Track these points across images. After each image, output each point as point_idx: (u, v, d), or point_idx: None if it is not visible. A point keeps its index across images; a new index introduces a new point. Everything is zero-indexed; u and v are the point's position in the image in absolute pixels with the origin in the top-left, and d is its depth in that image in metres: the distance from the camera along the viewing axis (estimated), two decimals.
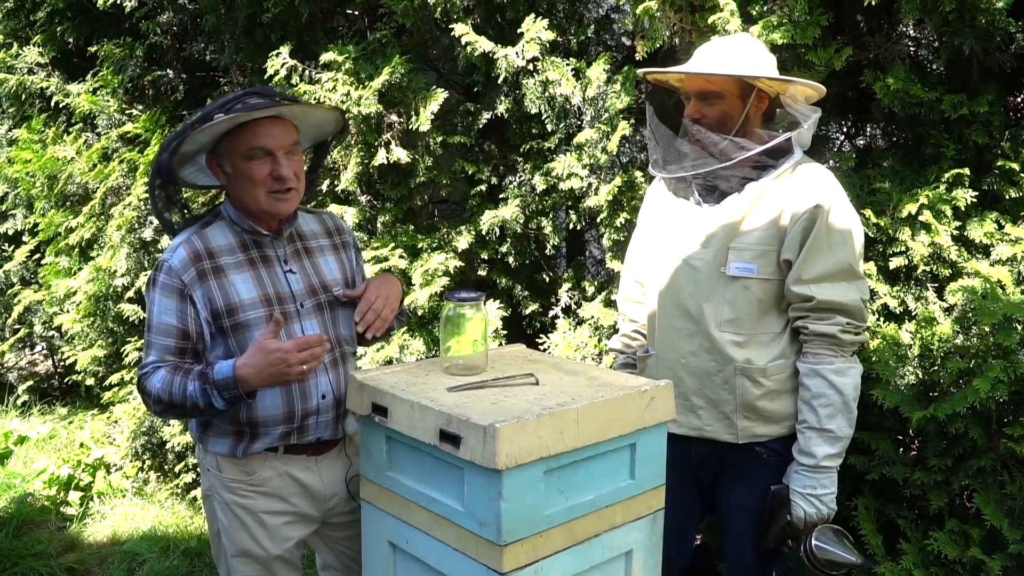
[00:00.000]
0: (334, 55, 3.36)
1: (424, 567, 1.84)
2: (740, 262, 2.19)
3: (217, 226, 2.09)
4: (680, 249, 2.30)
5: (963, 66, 2.71)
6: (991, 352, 2.44)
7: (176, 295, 2.00)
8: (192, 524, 4.20)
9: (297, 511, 2.17)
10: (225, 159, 2.03)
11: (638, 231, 2.57)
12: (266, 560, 2.16)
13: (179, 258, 2.01)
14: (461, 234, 3.46)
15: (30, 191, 4.83)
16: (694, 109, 2.24)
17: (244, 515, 2.13)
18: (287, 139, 2.02)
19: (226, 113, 1.94)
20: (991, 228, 2.62)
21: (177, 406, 1.94)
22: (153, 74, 4.44)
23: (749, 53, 2.22)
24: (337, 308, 2.18)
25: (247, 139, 1.97)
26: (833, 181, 2.20)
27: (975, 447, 2.50)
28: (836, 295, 2.13)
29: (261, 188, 2.00)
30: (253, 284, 2.05)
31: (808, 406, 2.18)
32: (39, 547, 4.00)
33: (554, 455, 1.67)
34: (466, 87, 3.67)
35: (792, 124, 2.23)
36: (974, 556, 2.44)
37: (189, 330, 2.01)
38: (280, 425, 2.07)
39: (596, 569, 1.83)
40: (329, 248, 2.23)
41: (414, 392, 1.83)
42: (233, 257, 2.06)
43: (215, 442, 2.11)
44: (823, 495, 2.19)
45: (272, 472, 2.12)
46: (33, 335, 5.95)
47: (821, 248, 2.12)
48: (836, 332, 2.14)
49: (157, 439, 4.45)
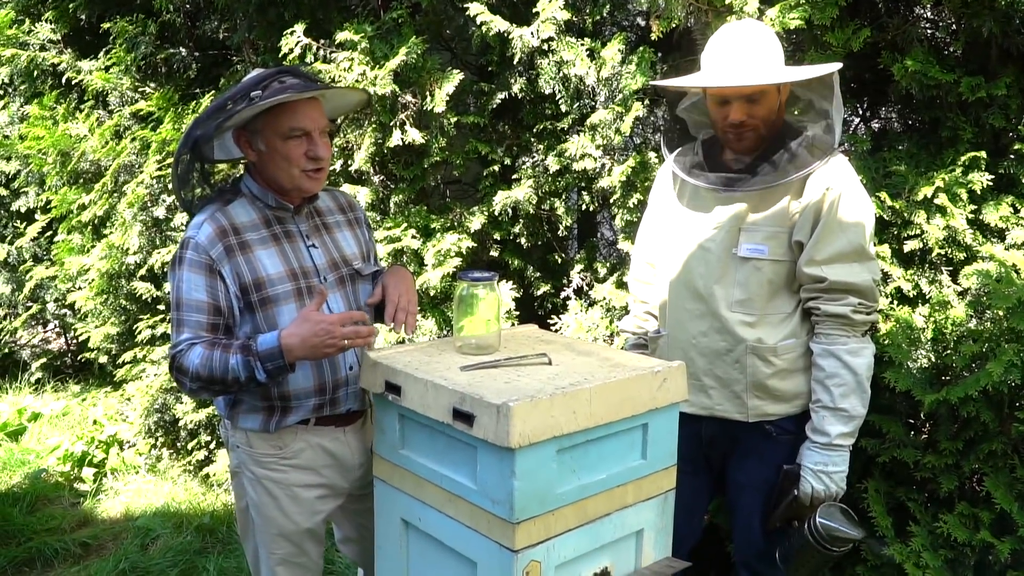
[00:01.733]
0: (350, 34, 3.35)
1: (437, 544, 1.85)
2: (751, 243, 2.19)
3: (239, 203, 2.11)
4: (692, 230, 2.30)
5: (981, 48, 2.68)
6: (1005, 336, 2.44)
7: (205, 271, 2.01)
8: (205, 501, 4.23)
9: (327, 483, 2.20)
10: (259, 137, 2.04)
11: (649, 212, 2.57)
12: (298, 535, 2.19)
13: (205, 234, 2.02)
14: (474, 215, 3.46)
15: (42, 168, 4.84)
16: (741, 112, 2.16)
17: (276, 489, 2.16)
18: (322, 121, 2.06)
19: (263, 91, 1.97)
20: (1007, 212, 2.61)
21: (217, 381, 1.95)
22: (166, 52, 4.43)
23: (774, 43, 2.19)
24: (358, 282, 2.23)
25: (287, 119, 2.00)
26: (845, 164, 2.20)
27: (986, 431, 2.50)
28: (848, 276, 2.13)
29: (296, 167, 2.04)
30: (279, 259, 2.08)
31: (822, 386, 2.19)
32: (53, 523, 4.04)
33: (567, 434, 1.68)
34: (479, 67, 3.66)
35: (818, 111, 2.25)
36: (983, 539, 2.44)
37: (220, 305, 2.02)
38: (312, 397, 2.10)
39: (607, 548, 1.84)
40: (345, 224, 2.28)
41: (427, 371, 1.84)
42: (257, 233, 2.08)
43: (245, 418, 2.13)
44: (834, 472, 2.19)
45: (304, 444, 2.15)
46: (46, 312, 5.99)
47: (833, 230, 2.12)
48: (848, 312, 2.14)
49: (170, 416, 4.48)
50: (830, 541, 2.18)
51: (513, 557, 1.63)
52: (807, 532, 2.20)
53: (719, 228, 2.24)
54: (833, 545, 2.19)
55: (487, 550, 1.69)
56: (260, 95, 1.96)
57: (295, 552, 2.21)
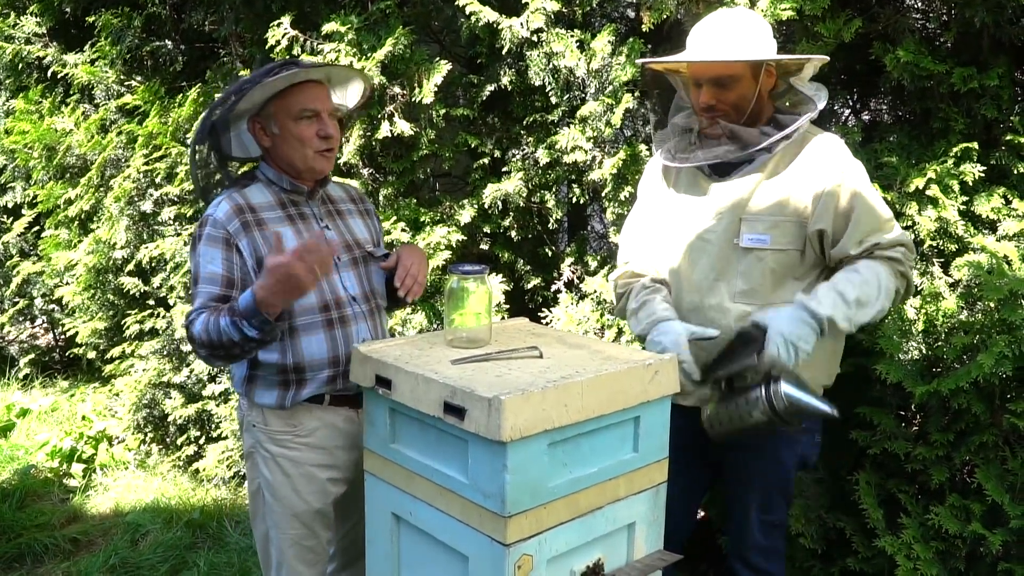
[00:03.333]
0: (336, 25, 3.32)
1: (428, 539, 1.84)
2: (753, 233, 2.17)
3: (255, 187, 2.20)
4: (691, 223, 2.28)
5: (973, 39, 2.68)
6: (996, 327, 2.44)
7: (222, 244, 2.09)
8: (195, 496, 4.21)
9: (338, 464, 2.24)
10: (272, 121, 2.15)
11: (637, 211, 2.51)
12: (309, 516, 2.23)
13: (223, 211, 2.11)
14: (464, 207, 3.44)
15: (28, 162, 4.80)
16: (709, 96, 2.18)
17: (290, 467, 2.20)
18: (330, 102, 2.20)
19: (271, 78, 2.07)
20: (998, 203, 2.61)
21: (217, 345, 1.98)
22: (152, 45, 4.39)
23: (756, 30, 2.18)
24: (371, 263, 2.31)
25: (297, 101, 2.12)
26: (843, 146, 2.20)
27: (977, 422, 2.50)
28: (897, 235, 2.14)
29: (309, 146, 2.14)
30: (295, 237, 2.15)
31: (846, 277, 2.09)
32: (42, 519, 4.02)
33: (558, 427, 1.67)
34: (468, 59, 3.64)
35: (800, 101, 2.21)
36: (975, 531, 2.44)
37: (234, 277, 2.09)
38: (325, 369, 2.15)
39: (599, 541, 1.83)
40: (356, 212, 2.38)
41: (418, 364, 1.82)
42: (274, 213, 2.18)
43: (261, 394, 2.18)
44: (802, 349, 2.03)
45: (319, 423, 2.20)
46: (33, 308, 5.95)
47: (864, 216, 2.12)
48: (900, 256, 2.13)
49: (159, 412, 4.46)
50: (788, 415, 2.01)
51: (505, 551, 1.63)
52: (763, 401, 2.01)
53: (719, 219, 2.22)
54: (790, 420, 2.02)
55: (479, 544, 1.68)
56: (272, 79, 2.06)
57: (306, 534, 2.25)
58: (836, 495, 2.84)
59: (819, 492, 2.85)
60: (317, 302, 2.14)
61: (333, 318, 2.16)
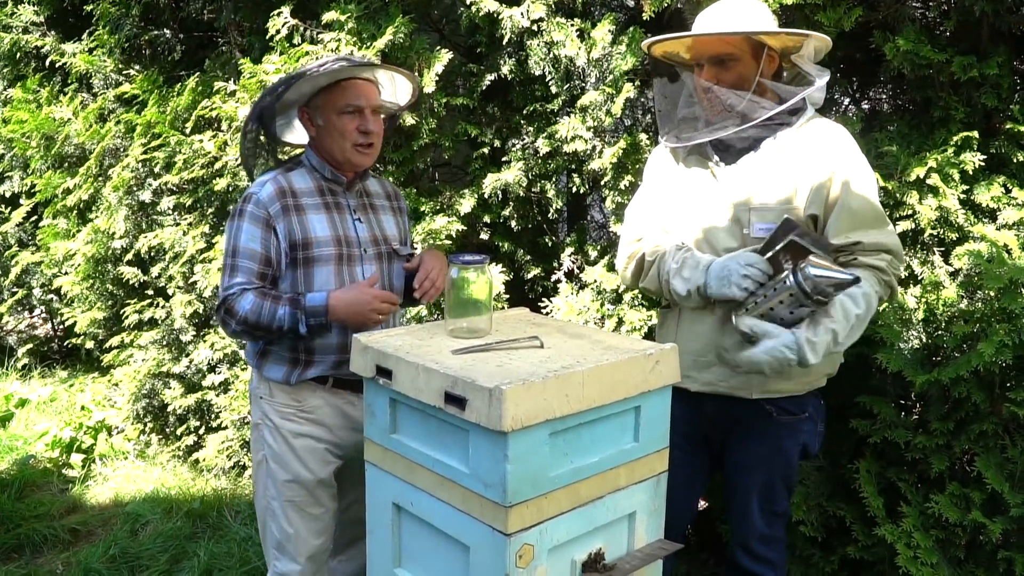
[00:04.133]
0: (336, 14, 3.31)
1: (429, 528, 1.84)
2: (762, 223, 2.17)
3: (298, 172, 2.34)
4: (699, 210, 2.27)
5: (973, 28, 2.67)
6: (996, 316, 2.44)
7: (262, 224, 2.24)
8: (194, 486, 4.22)
9: (338, 441, 2.37)
10: (318, 112, 2.28)
11: (645, 194, 2.47)
12: (311, 484, 2.35)
13: (267, 192, 2.26)
14: (464, 197, 3.44)
15: (26, 152, 4.79)
16: (709, 75, 2.21)
17: (294, 439, 2.33)
18: (375, 100, 2.30)
19: (320, 70, 2.20)
20: (998, 192, 2.61)
21: (262, 327, 2.18)
22: (150, 34, 4.37)
23: (756, 11, 2.20)
24: (394, 260, 2.43)
25: (342, 96, 2.25)
26: (846, 134, 2.19)
27: (977, 411, 2.51)
28: (880, 238, 2.12)
29: (348, 140, 2.27)
30: (327, 224, 2.30)
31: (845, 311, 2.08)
32: (41, 509, 4.02)
33: (559, 417, 1.66)
34: (468, 48, 3.62)
35: (802, 79, 2.21)
36: (975, 519, 2.45)
37: (272, 257, 2.25)
38: (334, 354, 2.30)
39: (600, 531, 1.83)
40: (389, 209, 2.49)
41: (419, 355, 1.82)
42: (312, 199, 2.31)
43: (271, 368, 2.33)
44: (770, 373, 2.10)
45: (321, 402, 2.34)
46: (32, 297, 5.94)
47: (851, 202, 2.11)
48: (884, 265, 2.12)
49: (158, 402, 4.46)
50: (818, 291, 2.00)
51: (506, 540, 1.62)
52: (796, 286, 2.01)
53: (728, 207, 2.22)
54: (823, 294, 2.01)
55: (480, 534, 1.68)
56: (316, 72, 2.19)
57: (310, 500, 2.36)
58: (836, 484, 2.84)
59: (820, 480, 2.85)
60: (336, 287, 2.27)
61: None
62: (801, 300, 2.03)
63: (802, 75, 2.22)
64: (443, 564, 1.82)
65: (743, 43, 2.17)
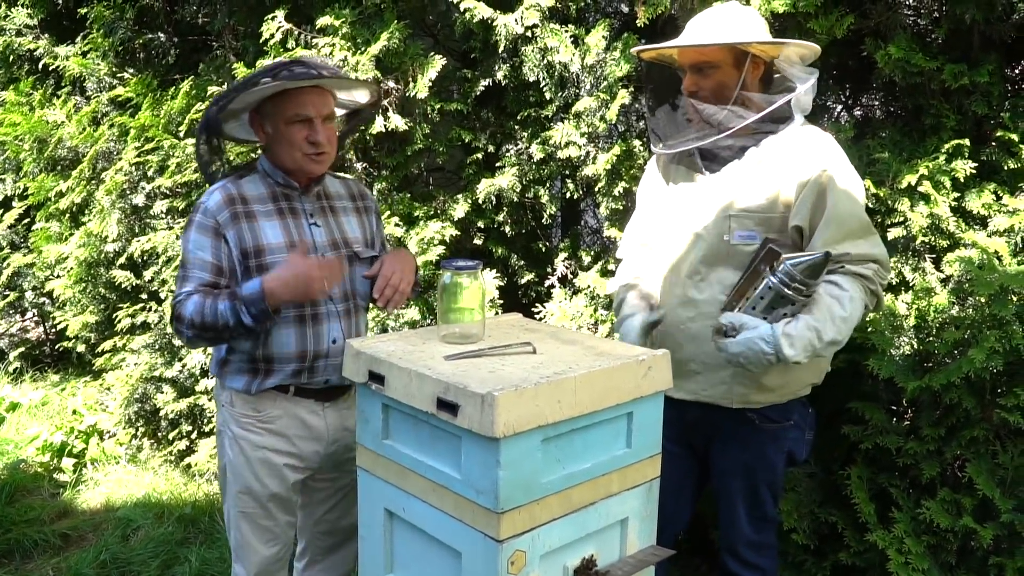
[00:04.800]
0: (330, 19, 3.31)
1: (421, 534, 1.84)
2: (743, 230, 2.17)
3: (251, 178, 2.27)
4: (683, 218, 2.29)
5: (964, 36, 2.68)
6: (987, 323, 2.45)
7: (211, 233, 2.18)
8: (186, 491, 4.20)
9: (299, 453, 2.31)
10: (267, 120, 2.21)
11: (642, 203, 2.52)
12: (263, 497, 2.30)
13: (215, 200, 2.19)
14: (458, 203, 3.44)
15: (19, 154, 4.78)
16: (690, 82, 2.23)
17: (250, 450, 2.28)
18: (325, 108, 2.21)
19: (273, 79, 2.13)
20: (989, 199, 2.62)
21: (208, 327, 2.10)
22: (144, 37, 4.37)
23: (739, 20, 2.20)
24: (355, 263, 2.33)
25: (290, 105, 2.16)
26: (833, 143, 2.18)
27: (968, 417, 2.52)
28: (868, 248, 2.12)
29: (298, 150, 2.19)
30: (281, 231, 2.23)
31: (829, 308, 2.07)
32: (32, 513, 4.00)
33: (552, 423, 1.66)
34: (462, 54, 3.63)
35: (790, 89, 2.20)
36: (966, 525, 2.46)
37: (223, 266, 2.18)
38: (293, 363, 2.23)
39: (592, 537, 1.83)
40: (352, 210, 2.40)
41: (411, 360, 1.82)
42: (264, 206, 2.24)
43: (232, 377, 2.27)
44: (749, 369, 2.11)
45: (281, 412, 2.28)
46: (24, 301, 5.92)
47: (839, 213, 2.10)
48: (870, 274, 2.11)
49: (151, 406, 4.44)
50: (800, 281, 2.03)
51: (498, 547, 1.62)
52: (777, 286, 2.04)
53: (710, 214, 2.23)
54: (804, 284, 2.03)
55: (472, 540, 1.68)
56: (268, 81, 2.11)
57: (261, 513, 2.32)
58: (828, 490, 2.85)
59: (811, 487, 2.86)
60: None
61: (306, 315, 2.22)
62: (782, 293, 2.04)
63: (790, 82, 2.22)
64: (435, 570, 1.82)
65: (724, 51, 2.17)
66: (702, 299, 2.24)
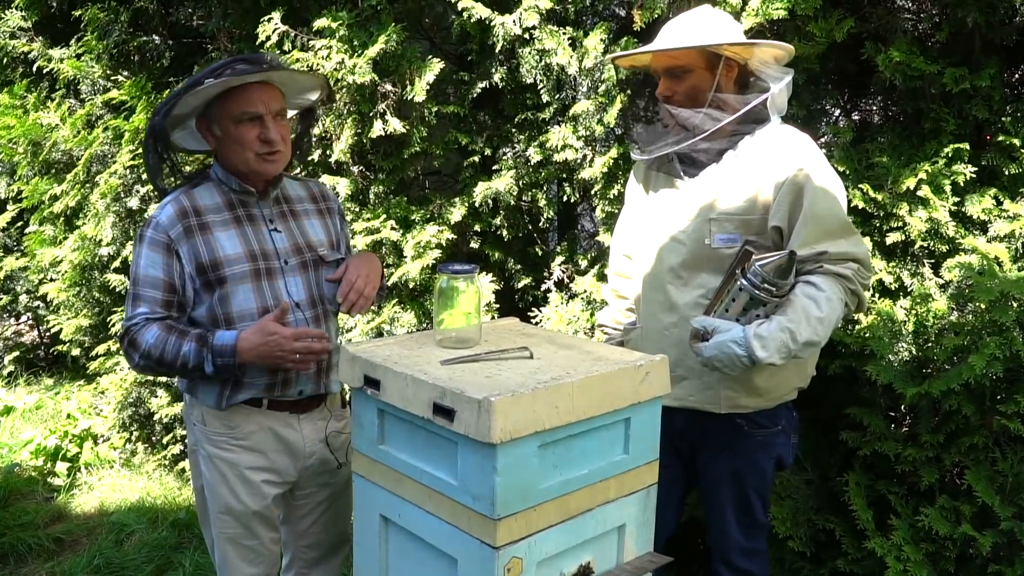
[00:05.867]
0: (327, 21, 3.29)
1: (416, 541, 1.82)
2: (723, 233, 2.17)
3: (205, 187, 2.18)
4: (664, 224, 2.29)
5: (965, 40, 2.67)
6: (986, 329, 2.44)
7: (163, 249, 2.09)
8: (180, 495, 4.18)
9: (276, 468, 2.24)
10: (215, 123, 2.12)
11: (625, 209, 2.55)
12: (245, 516, 2.23)
13: (166, 214, 2.10)
14: (454, 206, 3.42)
15: (13, 158, 4.75)
16: (664, 87, 2.24)
17: (226, 469, 2.21)
18: (274, 104, 2.12)
19: (216, 79, 2.04)
20: (989, 204, 2.61)
21: (166, 364, 2.04)
22: (139, 40, 4.34)
23: (711, 23, 2.20)
24: (321, 267, 2.26)
25: (237, 104, 2.07)
26: (810, 143, 2.16)
27: (968, 424, 2.50)
28: (847, 247, 2.10)
29: (250, 150, 2.10)
30: (239, 240, 2.14)
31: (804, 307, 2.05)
32: (26, 518, 3.98)
33: (549, 429, 1.65)
34: (459, 56, 3.61)
35: (765, 90, 2.19)
36: (965, 532, 2.44)
37: (175, 283, 2.10)
38: (263, 376, 2.15)
39: (589, 543, 1.81)
40: (314, 212, 2.32)
41: (407, 365, 1.80)
42: (219, 215, 2.15)
43: (201, 392, 2.19)
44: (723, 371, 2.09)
45: (255, 426, 2.20)
46: (18, 304, 5.89)
47: (816, 212, 2.08)
48: (850, 274, 2.10)
49: (144, 410, 4.42)
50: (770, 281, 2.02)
51: (494, 554, 1.61)
52: (746, 287, 2.03)
53: (690, 219, 2.23)
54: (773, 285, 2.02)
55: (468, 547, 1.66)
56: (212, 81, 2.03)
57: (244, 533, 2.25)
58: (825, 496, 2.83)
59: (808, 494, 2.84)
60: (257, 308, 2.14)
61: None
62: (753, 295, 2.03)
63: (764, 83, 2.22)
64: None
65: (696, 54, 2.17)
66: (684, 303, 2.24)
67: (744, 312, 2.06)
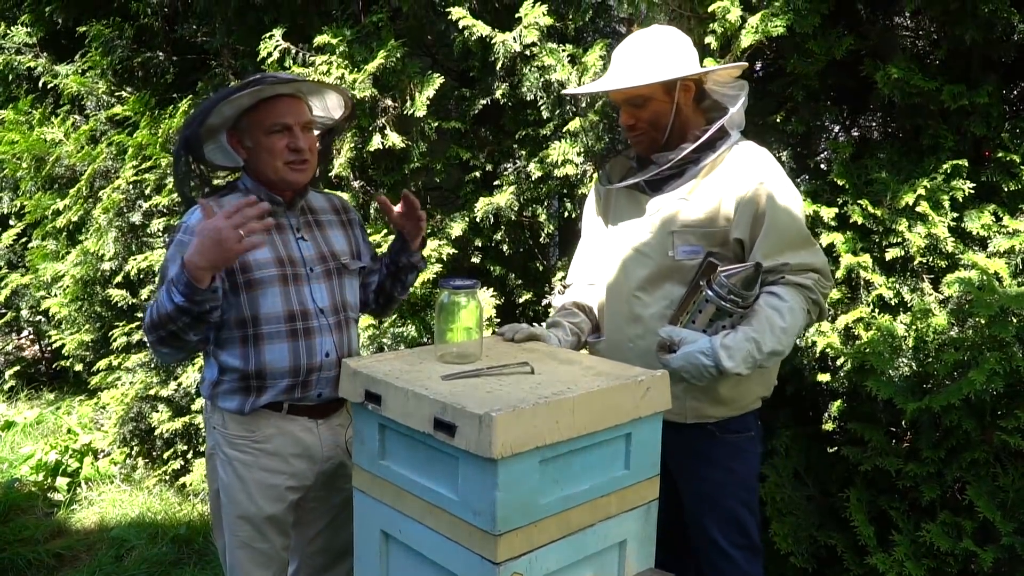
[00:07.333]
0: (328, 38, 3.32)
1: (417, 556, 1.82)
2: (686, 246, 2.20)
3: (234, 196, 2.21)
4: (627, 237, 2.31)
5: (963, 57, 2.69)
6: (986, 344, 2.44)
7: None
8: (181, 511, 4.17)
9: (294, 472, 2.27)
10: (246, 134, 2.20)
11: (585, 238, 2.54)
12: (260, 520, 2.26)
13: (196, 218, 2.11)
14: (455, 221, 3.43)
15: (16, 173, 4.77)
16: (626, 116, 2.26)
17: (244, 472, 2.24)
18: (302, 116, 2.21)
19: (244, 92, 2.11)
20: (988, 220, 2.62)
21: (159, 324, 2.03)
22: (143, 56, 4.37)
23: (664, 50, 2.21)
24: (344, 275, 2.33)
25: (268, 115, 2.16)
26: (769, 157, 2.21)
27: (968, 439, 2.50)
28: (807, 258, 2.15)
29: (280, 159, 2.17)
30: (268, 247, 2.18)
31: (768, 319, 2.08)
32: (26, 533, 3.97)
33: (550, 444, 1.65)
34: (461, 72, 3.64)
35: (723, 109, 2.24)
36: (966, 548, 2.44)
37: None
38: (286, 378, 2.20)
39: (590, 559, 1.81)
40: (337, 224, 2.39)
41: (408, 380, 1.80)
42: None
43: (225, 399, 2.23)
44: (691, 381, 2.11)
45: (275, 430, 2.24)
46: (20, 319, 5.90)
47: (777, 224, 2.12)
48: (811, 284, 2.14)
49: (145, 425, 4.42)
50: (736, 292, 2.04)
51: (495, 569, 1.60)
52: (713, 298, 2.06)
53: (654, 233, 2.25)
54: (739, 296, 2.05)
55: (468, 562, 1.66)
56: (235, 97, 2.11)
57: (256, 536, 2.27)
58: (827, 512, 2.82)
59: (809, 510, 2.83)
60: (283, 312, 2.18)
61: (297, 329, 2.19)
62: (719, 306, 2.06)
63: (721, 102, 2.26)
64: None
65: (652, 84, 2.18)
66: (648, 315, 2.25)
67: (710, 323, 2.09)
